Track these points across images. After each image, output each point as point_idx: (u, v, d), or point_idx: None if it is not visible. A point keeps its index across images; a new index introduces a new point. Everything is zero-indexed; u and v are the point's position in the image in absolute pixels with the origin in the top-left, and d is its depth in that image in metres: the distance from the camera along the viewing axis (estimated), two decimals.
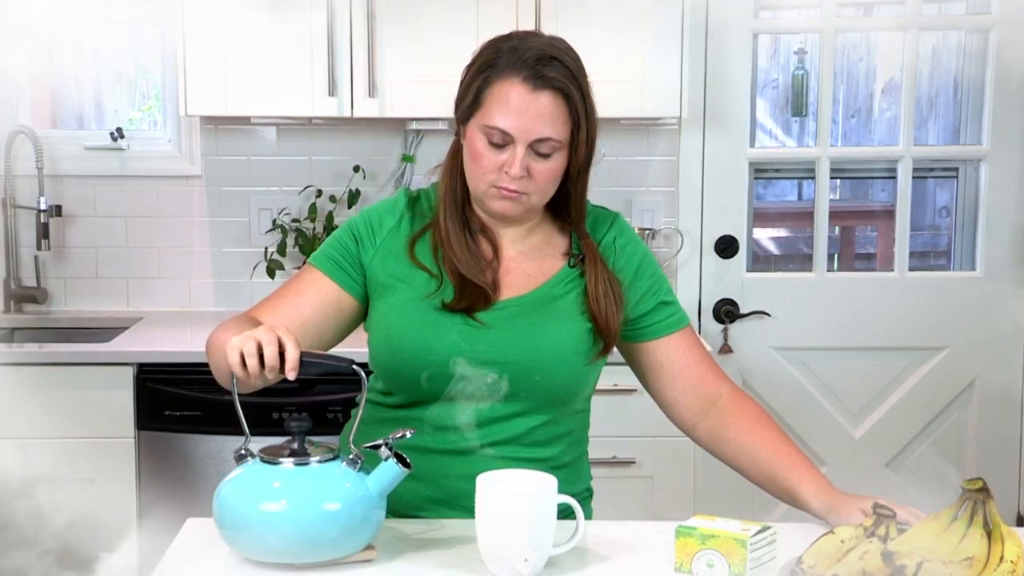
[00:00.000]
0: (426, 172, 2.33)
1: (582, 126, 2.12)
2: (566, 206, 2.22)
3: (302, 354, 1.91)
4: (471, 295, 2.14)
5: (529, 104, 2.07)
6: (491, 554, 1.89)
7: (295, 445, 1.92)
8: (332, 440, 3.37)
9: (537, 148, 2.09)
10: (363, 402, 2.03)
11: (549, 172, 2.12)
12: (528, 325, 2.15)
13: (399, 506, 2.13)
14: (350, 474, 1.91)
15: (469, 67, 2.16)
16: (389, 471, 1.92)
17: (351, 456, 1.93)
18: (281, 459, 1.91)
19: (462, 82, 2.17)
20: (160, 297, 4.28)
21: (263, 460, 1.93)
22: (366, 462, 1.93)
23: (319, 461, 1.91)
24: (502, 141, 2.09)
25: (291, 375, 1.90)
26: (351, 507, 1.88)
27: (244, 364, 1.90)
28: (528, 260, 2.21)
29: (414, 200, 2.26)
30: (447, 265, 2.15)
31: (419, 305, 2.13)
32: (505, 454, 2.11)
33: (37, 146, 4.10)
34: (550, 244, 2.24)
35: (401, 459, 1.92)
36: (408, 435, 1.92)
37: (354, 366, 1.93)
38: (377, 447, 1.92)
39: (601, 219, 2.27)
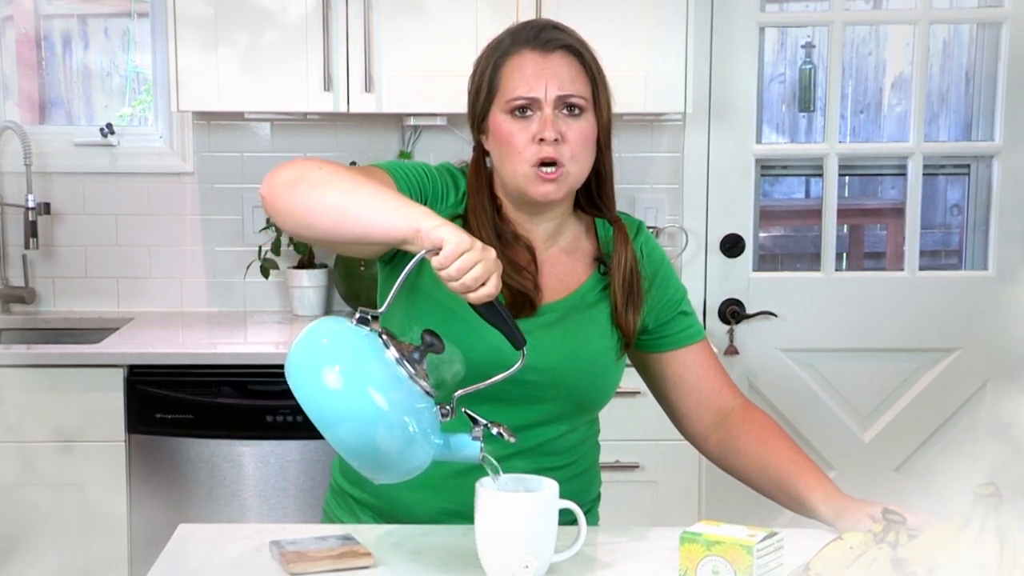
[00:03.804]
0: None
1: (599, 86, 2.12)
2: (597, 187, 2.19)
3: (494, 301, 1.82)
4: (519, 303, 2.10)
5: (544, 67, 2.08)
6: (491, 560, 1.86)
7: (415, 354, 1.78)
8: (330, 444, 3.37)
9: (565, 108, 2.07)
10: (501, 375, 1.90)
11: (581, 134, 2.08)
12: (566, 331, 2.13)
13: (411, 518, 2.11)
14: (428, 409, 1.77)
15: (474, 71, 2.16)
16: (465, 445, 1.81)
17: (448, 405, 1.81)
18: (389, 347, 1.77)
19: (471, 87, 2.16)
20: (151, 297, 4.26)
21: (378, 335, 1.78)
22: (455, 427, 1.82)
23: (411, 376, 1.76)
24: (527, 107, 2.07)
25: (474, 301, 1.80)
26: (398, 418, 1.72)
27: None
28: (559, 263, 2.19)
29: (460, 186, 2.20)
30: None
31: (463, 302, 2.04)
32: (524, 463, 2.05)
33: (25, 142, 4.08)
34: (579, 248, 2.22)
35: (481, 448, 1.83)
36: (507, 437, 1.83)
37: (524, 350, 1.85)
38: (475, 420, 1.82)
39: (626, 225, 2.25)
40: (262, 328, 4.05)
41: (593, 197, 2.20)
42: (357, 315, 1.78)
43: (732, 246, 4.24)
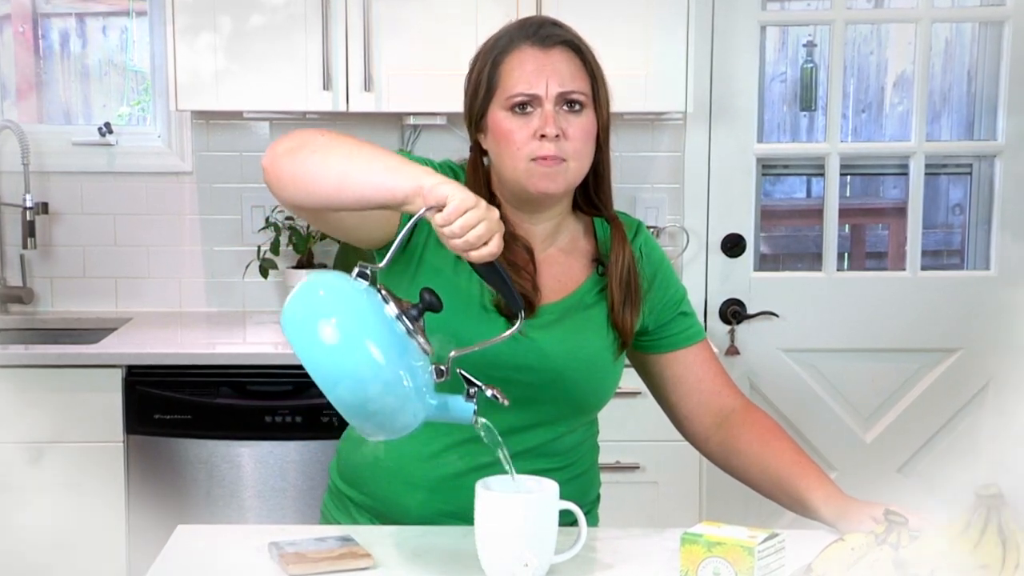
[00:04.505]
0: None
1: (599, 82, 2.10)
2: (595, 185, 2.17)
3: (495, 262, 1.80)
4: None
5: (544, 63, 2.06)
6: (490, 562, 1.85)
7: (412, 311, 1.75)
8: (329, 445, 3.37)
9: (565, 104, 2.06)
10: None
11: (582, 130, 2.07)
12: (564, 331, 2.11)
13: (406, 519, 2.10)
14: (424, 368, 1.74)
15: (471, 68, 2.14)
16: (459, 406, 1.79)
17: (442, 365, 1.78)
18: (388, 302, 1.74)
19: (468, 85, 2.14)
20: (150, 297, 4.25)
21: (377, 290, 1.75)
22: (449, 388, 1.79)
23: (409, 332, 1.74)
24: (528, 104, 2.05)
25: (476, 260, 1.77)
26: (394, 373, 1.69)
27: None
28: (557, 264, 2.17)
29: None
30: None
31: (466, 299, 2.05)
32: (522, 465, 2.02)
33: (23, 141, 4.07)
34: (577, 248, 2.20)
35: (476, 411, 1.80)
36: (501, 400, 1.81)
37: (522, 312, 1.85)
38: (470, 382, 1.80)
39: (625, 225, 2.23)
40: (261, 328, 4.03)
41: (591, 195, 2.18)
42: (356, 269, 1.75)
43: (733, 246, 4.22)
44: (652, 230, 4.04)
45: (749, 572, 1.76)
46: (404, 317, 1.73)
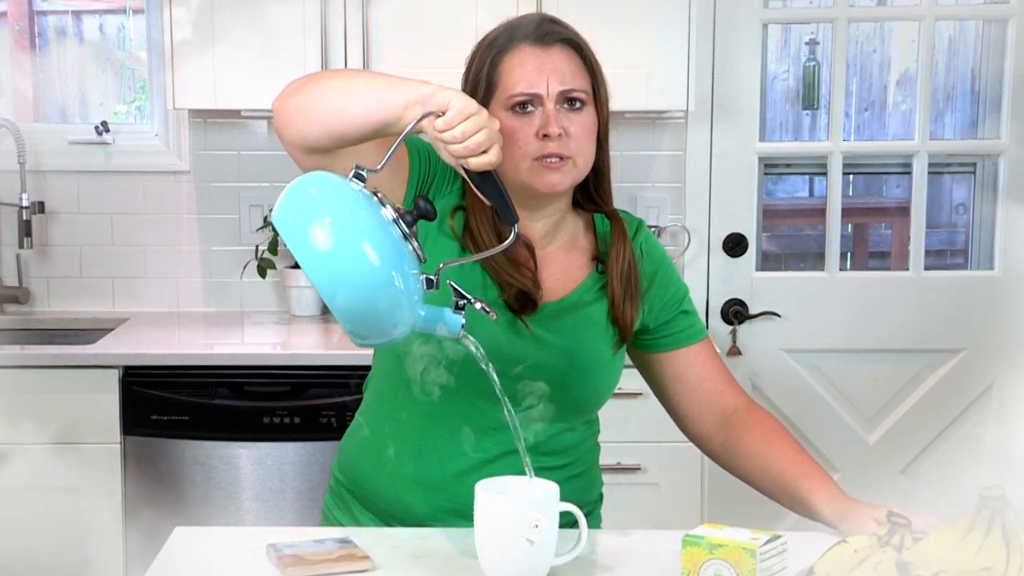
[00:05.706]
0: None
1: (599, 79, 2.10)
2: (595, 182, 2.17)
3: (492, 172, 1.80)
4: (520, 301, 2.08)
5: (544, 61, 2.06)
6: (490, 563, 1.84)
7: (407, 217, 1.73)
8: (328, 446, 3.35)
9: (566, 102, 2.06)
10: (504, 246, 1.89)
11: (584, 127, 2.07)
12: (565, 329, 2.11)
13: (409, 517, 2.10)
14: (416, 276, 1.72)
15: (468, 67, 2.14)
16: (448, 318, 1.77)
17: (431, 275, 1.76)
18: (384, 205, 1.72)
19: (466, 84, 2.13)
20: (147, 297, 4.24)
21: (372, 193, 1.72)
22: (437, 300, 1.77)
23: (405, 236, 1.71)
24: (529, 104, 2.05)
25: (475, 167, 1.78)
26: (387, 274, 1.66)
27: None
28: (557, 262, 2.17)
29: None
30: (492, 273, 2.09)
31: (468, 293, 2.02)
32: (521, 462, 2.00)
33: (19, 140, 4.06)
34: (577, 246, 2.20)
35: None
36: (489, 313, 1.81)
37: (515, 227, 1.85)
38: (459, 294, 1.78)
39: (626, 223, 2.23)
40: (259, 328, 4.03)
41: (591, 192, 2.18)
42: (353, 171, 1.74)
43: (735, 245, 4.21)
44: (653, 229, 4.03)
45: (751, 574, 1.76)
46: (401, 221, 1.71)
